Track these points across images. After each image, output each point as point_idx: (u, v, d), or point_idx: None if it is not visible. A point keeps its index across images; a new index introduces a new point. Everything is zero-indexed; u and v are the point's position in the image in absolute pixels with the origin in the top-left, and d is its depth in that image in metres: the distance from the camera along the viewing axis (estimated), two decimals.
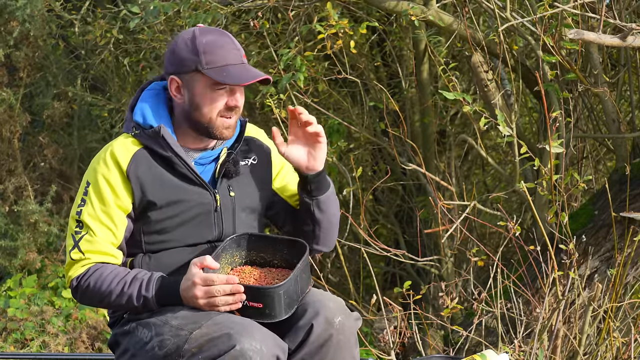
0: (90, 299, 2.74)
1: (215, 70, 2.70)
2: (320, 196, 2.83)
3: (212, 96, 2.72)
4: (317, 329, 2.64)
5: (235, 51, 2.73)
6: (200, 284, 2.62)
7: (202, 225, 2.78)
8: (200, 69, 2.70)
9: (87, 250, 2.73)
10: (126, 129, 2.82)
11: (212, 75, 2.69)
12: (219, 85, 2.71)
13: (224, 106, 2.73)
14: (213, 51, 2.71)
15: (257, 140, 2.93)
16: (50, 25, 6.26)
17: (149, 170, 2.75)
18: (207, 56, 2.70)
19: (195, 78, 2.72)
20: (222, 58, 2.71)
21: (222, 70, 2.70)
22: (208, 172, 2.82)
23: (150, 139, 2.76)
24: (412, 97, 5.85)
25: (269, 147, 2.95)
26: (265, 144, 2.94)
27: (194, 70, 2.71)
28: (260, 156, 2.91)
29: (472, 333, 4.29)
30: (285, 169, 2.96)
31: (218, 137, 2.77)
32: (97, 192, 2.74)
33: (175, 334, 2.60)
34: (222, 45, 2.72)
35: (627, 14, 4.59)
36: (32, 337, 5.63)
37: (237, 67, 2.71)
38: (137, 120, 2.79)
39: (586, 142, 5.43)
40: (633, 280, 4.66)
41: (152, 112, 2.79)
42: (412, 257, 4.79)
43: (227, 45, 2.73)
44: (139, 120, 2.79)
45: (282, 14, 5.47)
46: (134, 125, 2.79)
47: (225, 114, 2.74)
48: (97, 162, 2.77)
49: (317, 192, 2.83)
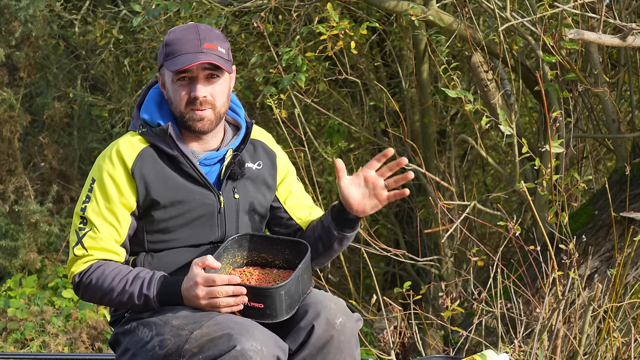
0: (91, 295, 2.75)
1: (170, 60, 2.74)
2: (347, 234, 2.84)
3: (174, 88, 2.76)
4: (318, 330, 2.65)
5: (194, 41, 2.74)
6: (202, 284, 2.62)
7: (206, 226, 2.78)
8: (163, 62, 2.76)
9: (91, 247, 2.73)
10: (133, 127, 2.83)
11: (167, 65, 2.74)
12: (178, 76, 2.74)
13: (187, 97, 2.75)
14: (173, 43, 2.75)
15: (263, 144, 2.94)
16: (51, 26, 6.26)
17: (154, 169, 2.75)
18: (167, 49, 2.75)
19: (164, 72, 2.79)
20: (179, 48, 2.74)
21: (176, 59, 2.73)
22: (213, 173, 2.82)
23: (157, 137, 2.76)
24: (412, 97, 5.85)
25: (274, 152, 2.95)
26: (271, 149, 2.94)
27: (162, 64, 2.78)
28: (266, 161, 2.91)
29: (472, 333, 4.29)
30: (289, 177, 2.96)
31: (195, 130, 2.78)
32: (101, 189, 2.75)
33: (175, 334, 2.60)
34: (182, 37, 2.76)
35: (627, 14, 4.59)
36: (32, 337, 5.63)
37: (189, 55, 2.72)
38: (144, 118, 2.80)
39: (586, 142, 5.43)
40: (633, 280, 4.66)
41: (159, 111, 2.81)
42: (412, 257, 4.79)
43: (187, 37, 2.75)
44: (147, 118, 2.80)
45: (282, 14, 5.48)
46: (141, 123, 2.80)
47: (192, 106, 2.75)
48: (102, 159, 2.78)
49: (348, 231, 2.84)
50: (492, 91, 4.68)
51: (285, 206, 2.94)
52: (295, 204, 2.95)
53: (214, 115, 2.77)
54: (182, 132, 2.81)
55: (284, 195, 2.94)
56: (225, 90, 2.79)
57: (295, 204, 2.95)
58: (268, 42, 4.93)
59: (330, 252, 2.88)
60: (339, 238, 2.84)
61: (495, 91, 4.69)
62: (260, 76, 4.97)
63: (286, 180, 2.95)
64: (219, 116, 2.79)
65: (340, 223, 2.82)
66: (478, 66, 4.66)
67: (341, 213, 2.81)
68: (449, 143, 6.12)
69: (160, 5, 4.75)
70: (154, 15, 4.83)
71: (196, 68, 2.72)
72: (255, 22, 4.73)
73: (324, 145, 5.50)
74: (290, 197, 2.95)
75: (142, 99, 2.86)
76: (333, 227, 2.82)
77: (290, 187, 2.95)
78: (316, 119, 6.49)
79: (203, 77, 2.75)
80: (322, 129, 6.28)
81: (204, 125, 2.77)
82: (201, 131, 2.78)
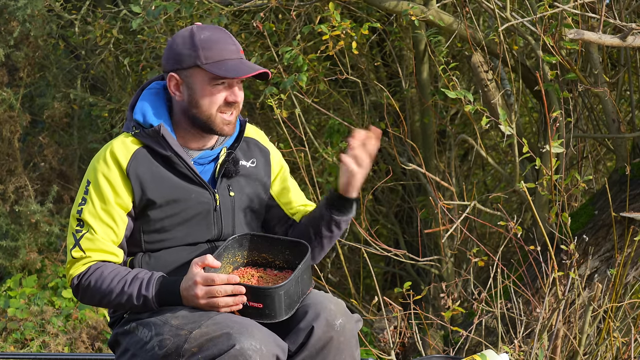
0: (90, 297, 2.75)
1: (213, 64, 2.72)
2: (335, 216, 2.83)
3: (211, 91, 2.74)
4: (318, 331, 2.65)
5: (232, 46, 2.75)
6: (201, 283, 2.62)
7: (202, 224, 2.79)
8: (199, 64, 2.72)
9: (88, 249, 2.73)
10: (126, 128, 2.83)
11: (211, 69, 2.71)
12: (217, 80, 2.73)
13: (222, 101, 2.75)
14: (211, 46, 2.73)
15: (256, 142, 2.94)
16: (50, 25, 6.26)
17: (149, 169, 2.75)
18: (206, 51, 2.72)
19: (194, 74, 2.74)
20: (220, 53, 2.73)
21: (221, 64, 2.71)
22: (207, 171, 2.83)
23: (150, 138, 2.77)
24: (412, 97, 5.85)
25: (268, 149, 2.95)
26: (264, 147, 2.95)
27: (192, 66, 2.74)
28: (260, 158, 2.92)
29: (472, 333, 4.29)
30: (283, 173, 2.97)
31: (218, 133, 2.78)
32: (97, 190, 2.75)
33: (175, 334, 2.60)
34: (219, 40, 2.75)
35: (627, 14, 4.59)
36: (32, 337, 5.63)
37: (235, 62, 2.73)
38: (137, 119, 2.80)
39: (586, 142, 5.43)
40: (633, 280, 4.66)
41: (152, 112, 2.80)
42: (413, 257, 4.79)
43: (225, 41, 2.75)
44: (139, 119, 2.80)
45: (282, 14, 5.47)
46: (134, 125, 2.80)
47: (224, 110, 2.76)
48: (97, 161, 2.78)
49: (338, 213, 2.83)
50: (492, 91, 4.68)
51: (279, 203, 2.95)
52: (290, 201, 2.96)
53: (236, 118, 2.80)
54: (177, 132, 2.81)
55: (278, 192, 2.95)
56: None
57: (290, 200, 2.96)
58: (268, 42, 4.94)
59: (320, 239, 2.86)
60: (327, 221, 2.82)
61: (495, 91, 4.69)
62: None
63: (280, 177, 2.96)
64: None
65: (330, 203, 2.82)
66: (478, 66, 4.66)
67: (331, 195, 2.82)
68: (449, 143, 6.12)
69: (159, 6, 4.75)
70: (154, 15, 4.83)
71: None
72: (255, 23, 4.73)
73: (324, 145, 5.50)
74: (284, 193, 2.95)
75: (135, 100, 2.86)
76: (324, 207, 2.82)
77: (284, 184, 2.96)
78: (316, 119, 6.49)
79: (237, 82, 2.76)
80: (322, 129, 6.28)
81: (231, 129, 2.79)
82: (227, 134, 2.79)
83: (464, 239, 5.11)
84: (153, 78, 2.92)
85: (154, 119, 2.79)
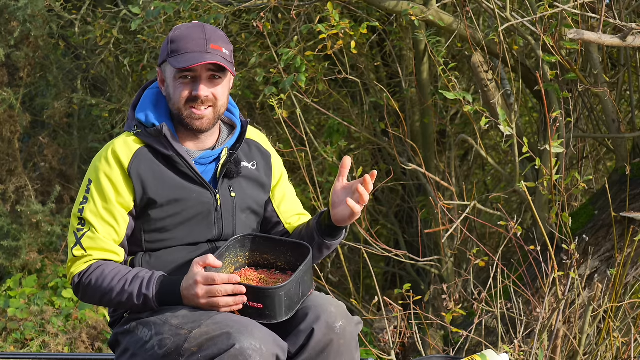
0: (91, 296, 2.75)
1: (175, 57, 2.75)
2: (327, 241, 2.85)
3: (176, 85, 2.77)
4: (318, 333, 2.65)
5: (200, 40, 2.75)
6: (202, 282, 2.62)
7: (202, 224, 2.79)
8: (166, 58, 2.76)
9: (89, 247, 2.74)
10: (128, 128, 2.83)
11: (170, 62, 2.75)
12: (181, 73, 2.75)
13: (187, 95, 2.76)
14: (179, 40, 2.76)
15: (258, 145, 2.95)
16: (50, 25, 6.26)
17: (150, 168, 2.76)
18: (173, 45, 2.76)
19: (166, 68, 2.79)
20: (185, 46, 2.75)
21: (180, 56, 2.74)
22: (209, 172, 2.83)
23: (151, 138, 2.77)
24: (412, 97, 5.85)
25: (269, 153, 2.96)
26: (266, 150, 2.96)
27: (164, 60, 2.78)
28: (261, 161, 2.92)
29: (472, 333, 4.29)
30: (283, 179, 2.98)
31: (192, 129, 2.79)
32: (99, 189, 2.75)
33: (175, 333, 2.60)
34: (188, 35, 2.77)
35: (627, 14, 4.59)
36: (32, 337, 5.63)
37: (195, 54, 2.73)
38: (140, 119, 2.81)
39: (586, 142, 5.43)
40: (633, 280, 4.66)
41: (154, 111, 2.82)
42: (413, 258, 4.79)
43: (193, 35, 2.76)
44: (141, 118, 2.81)
45: (282, 14, 5.47)
46: (136, 124, 2.81)
47: (192, 105, 2.76)
48: (98, 160, 2.79)
49: (328, 238, 2.85)
50: (492, 91, 4.68)
51: (278, 211, 2.96)
52: (288, 210, 2.97)
53: (214, 115, 2.79)
54: (178, 132, 2.82)
55: (279, 199, 2.96)
56: (226, 91, 2.82)
57: (288, 209, 2.97)
58: (268, 42, 4.94)
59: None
60: (318, 243, 2.84)
61: (495, 91, 4.69)
62: (261, 76, 4.97)
63: (281, 183, 2.97)
64: (218, 116, 2.81)
65: (323, 229, 2.83)
66: (478, 66, 4.66)
67: (326, 219, 2.82)
68: (449, 143, 6.12)
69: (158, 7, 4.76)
70: (154, 15, 4.84)
71: (200, 67, 2.74)
72: (254, 23, 4.73)
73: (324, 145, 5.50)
74: (284, 201, 2.97)
75: (137, 99, 2.87)
76: (316, 232, 2.84)
77: (284, 191, 2.98)
78: (316, 119, 6.49)
79: (206, 77, 2.76)
80: (322, 129, 6.28)
81: (202, 124, 2.78)
82: (199, 130, 2.79)
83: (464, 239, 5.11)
84: (155, 78, 2.93)
85: (156, 118, 2.80)
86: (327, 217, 2.81)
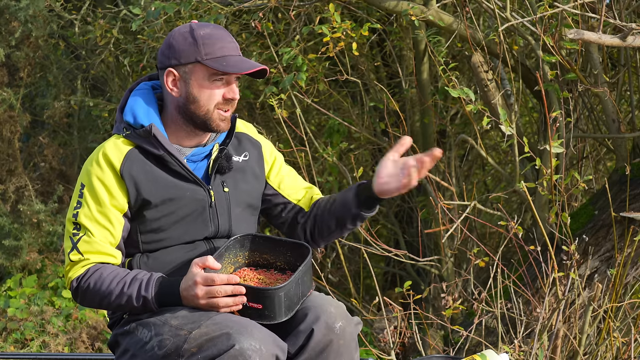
0: (90, 300, 2.74)
1: (214, 60, 2.73)
2: (365, 213, 2.86)
3: (210, 87, 2.75)
4: (318, 334, 2.64)
5: (232, 44, 2.77)
6: (201, 283, 2.62)
7: (198, 221, 2.79)
8: (200, 59, 2.73)
9: (86, 251, 2.73)
10: (117, 130, 2.83)
11: (212, 65, 2.72)
12: (217, 76, 2.74)
13: (221, 98, 2.76)
14: (212, 43, 2.74)
15: (248, 136, 2.95)
16: (51, 26, 6.26)
17: (142, 169, 2.76)
18: (207, 47, 2.73)
19: (194, 69, 2.75)
20: (221, 49, 2.74)
21: (221, 60, 2.73)
22: (201, 168, 2.83)
23: (141, 139, 2.77)
24: (412, 97, 5.85)
25: (259, 142, 2.96)
26: (255, 139, 2.96)
27: (192, 61, 2.74)
28: (252, 152, 2.93)
29: (472, 333, 4.29)
30: (278, 163, 2.98)
31: (214, 130, 2.79)
32: (92, 193, 2.75)
33: (174, 334, 2.60)
34: (220, 37, 2.76)
35: (627, 14, 4.59)
36: (32, 337, 5.63)
37: (235, 58, 2.75)
38: (128, 121, 2.80)
39: (586, 142, 5.43)
40: (633, 280, 4.66)
41: (143, 112, 2.81)
42: (413, 257, 4.79)
43: (225, 38, 2.77)
44: (130, 120, 2.80)
45: (282, 14, 5.47)
46: (125, 126, 2.80)
47: (221, 106, 2.77)
48: (90, 164, 2.78)
49: (367, 210, 2.86)
50: (492, 91, 4.67)
51: (280, 191, 2.95)
52: (290, 187, 2.97)
53: (232, 114, 2.82)
54: (169, 131, 2.81)
55: (276, 181, 2.96)
56: None
57: (290, 186, 2.97)
58: (268, 42, 4.93)
59: (341, 229, 2.90)
60: (353, 215, 2.85)
61: (495, 91, 4.69)
62: None
63: (275, 167, 2.97)
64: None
65: (362, 200, 2.83)
66: (478, 66, 4.66)
67: (366, 191, 2.82)
68: (449, 143, 6.12)
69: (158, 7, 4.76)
70: (154, 16, 4.84)
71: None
72: (254, 23, 4.73)
73: (324, 145, 5.50)
74: (283, 181, 2.96)
75: (124, 101, 2.86)
76: (353, 204, 2.84)
77: (281, 172, 2.97)
78: (316, 119, 6.49)
79: (234, 79, 2.77)
80: (322, 129, 6.28)
81: (227, 124, 2.81)
82: (223, 130, 2.81)
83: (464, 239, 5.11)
84: (140, 79, 2.92)
85: (144, 119, 2.79)
86: (367, 188, 2.82)
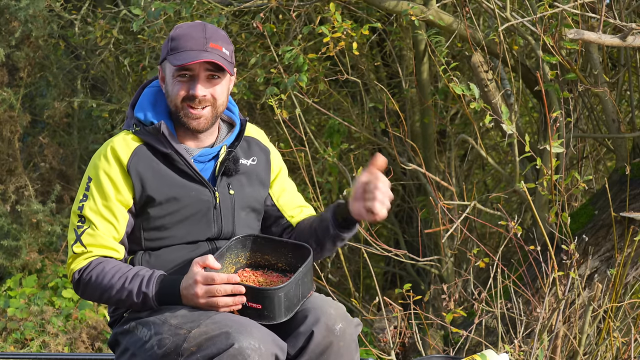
0: (91, 292, 2.75)
1: (173, 55, 2.75)
2: (343, 234, 2.82)
3: (174, 82, 2.77)
4: (318, 335, 2.64)
5: (200, 39, 2.75)
6: (201, 282, 2.62)
7: (202, 222, 2.79)
8: (166, 55, 2.77)
9: (90, 244, 2.74)
10: (127, 126, 2.84)
11: (169, 59, 2.75)
12: (179, 72, 2.75)
13: (184, 94, 2.76)
14: (178, 38, 2.76)
15: (257, 141, 2.95)
16: (51, 26, 6.26)
17: (149, 166, 2.76)
18: (172, 43, 2.77)
19: (166, 66, 2.79)
20: (184, 44, 2.75)
21: (178, 54, 2.74)
22: (208, 169, 2.83)
23: (150, 136, 2.78)
24: (412, 97, 5.85)
25: (268, 149, 2.96)
26: (264, 145, 2.96)
27: (164, 58, 2.79)
28: (260, 157, 2.92)
29: (472, 333, 4.29)
30: (282, 174, 2.98)
31: (187, 127, 2.79)
32: (98, 187, 2.76)
33: (174, 333, 2.60)
34: (188, 33, 2.77)
35: (627, 14, 4.59)
36: (32, 337, 5.63)
37: (193, 52, 2.73)
38: (138, 117, 2.82)
39: (586, 142, 5.43)
40: (633, 280, 4.66)
41: (153, 109, 2.82)
42: (413, 257, 4.79)
43: (194, 33, 2.77)
44: (140, 117, 2.81)
45: (282, 14, 5.47)
46: (135, 122, 2.81)
47: (189, 103, 2.77)
48: (98, 158, 2.79)
49: (346, 231, 2.82)
50: (492, 91, 4.68)
51: (277, 204, 2.95)
52: (288, 202, 2.96)
53: (212, 114, 2.79)
54: (177, 130, 2.83)
55: (277, 193, 2.96)
56: (226, 91, 2.81)
57: (288, 202, 2.96)
58: (269, 42, 4.94)
59: (322, 250, 2.87)
60: (333, 236, 2.82)
61: (495, 91, 4.69)
62: (261, 77, 4.97)
63: (279, 178, 2.97)
64: (216, 116, 2.81)
65: (339, 221, 2.81)
66: (478, 66, 4.66)
67: (343, 211, 2.79)
68: (449, 143, 6.12)
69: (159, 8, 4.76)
70: (154, 16, 4.84)
71: (198, 66, 2.74)
72: (255, 23, 4.73)
73: (324, 145, 5.50)
74: (283, 194, 2.96)
75: (136, 98, 2.88)
76: (331, 224, 2.81)
77: (283, 185, 2.97)
78: (316, 119, 6.49)
79: (204, 76, 2.76)
80: (322, 129, 6.28)
81: (199, 124, 2.78)
82: (196, 129, 2.79)
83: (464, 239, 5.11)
84: (154, 77, 2.93)
85: (154, 116, 2.81)
86: (343, 209, 2.78)
